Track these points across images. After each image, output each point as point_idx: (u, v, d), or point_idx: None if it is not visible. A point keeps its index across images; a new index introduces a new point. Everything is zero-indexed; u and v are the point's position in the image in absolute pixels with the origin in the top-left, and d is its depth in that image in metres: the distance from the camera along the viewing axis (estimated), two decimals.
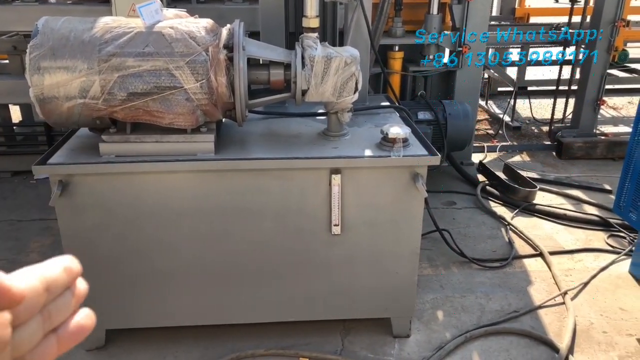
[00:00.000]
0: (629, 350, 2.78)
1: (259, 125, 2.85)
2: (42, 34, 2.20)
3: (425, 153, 2.50)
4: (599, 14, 4.93)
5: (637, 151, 3.15)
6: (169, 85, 2.24)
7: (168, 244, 2.56)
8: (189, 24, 2.30)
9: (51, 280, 0.49)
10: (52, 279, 0.49)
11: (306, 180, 2.50)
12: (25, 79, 2.22)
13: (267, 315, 2.80)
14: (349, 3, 3.04)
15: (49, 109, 2.26)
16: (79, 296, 0.53)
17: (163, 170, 2.42)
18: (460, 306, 3.11)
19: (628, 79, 6.43)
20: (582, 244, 3.76)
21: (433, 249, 3.65)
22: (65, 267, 0.52)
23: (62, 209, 2.43)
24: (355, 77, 2.46)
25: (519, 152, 5.43)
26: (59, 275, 0.51)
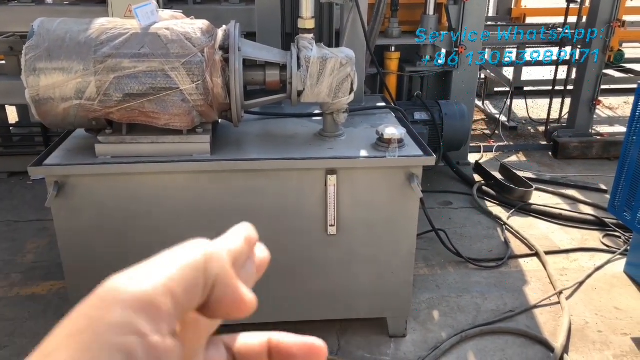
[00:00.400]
0: (624, 349, 2.79)
1: (255, 125, 2.86)
2: (38, 35, 2.21)
3: (420, 154, 2.51)
4: (595, 14, 4.94)
5: (632, 151, 3.16)
6: (164, 86, 2.24)
7: (164, 245, 2.52)
8: (184, 25, 2.31)
9: (237, 256, 0.43)
10: (237, 254, 0.43)
11: (302, 180, 2.51)
12: (21, 79, 2.22)
13: (263, 316, 2.79)
14: (345, 4, 3.05)
15: (45, 110, 2.26)
16: (261, 266, 0.48)
17: (159, 171, 2.42)
18: (456, 306, 3.12)
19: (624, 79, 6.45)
20: (577, 244, 3.77)
21: (429, 249, 3.66)
22: (246, 237, 0.46)
23: (58, 210, 2.43)
24: (351, 77, 2.47)
25: (515, 152, 5.45)
26: (242, 249, 0.44)
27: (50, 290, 3.22)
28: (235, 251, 0.43)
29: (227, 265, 0.40)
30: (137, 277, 0.39)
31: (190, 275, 0.39)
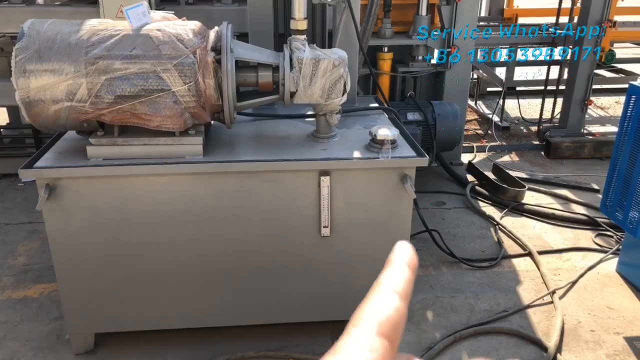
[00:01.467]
0: (617, 348, 2.81)
1: (247, 127, 2.85)
2: (28, 36, 2.19)
3: (413, 154, 2.51)
4: (586, 14, 4.97)
5: (623, 151, 3.18)
6: (156, 87, 2.23)
7: (156, 247, 2.55)
8: (176, 27, 2.30)
9: (408, 293, 0.49)
10: (408, 291, 0.49)
11: (295, 182, 2.50)
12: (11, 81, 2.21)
13: (257, 318, 2.80)
14: (338, 5, 3.05)
15: (35, 112, 2.25)
16: (414, 272, 0.53)
17: (151, 173, 2.41)
18: (450, 306, 3.13)
19: (615, 79, 6.48)
20: (570, 244, 3.79)
21: (423, 249, 3.66)
22: (410, 265, 0.52)
23: (49, 212, 2.42)
24: (344, 79, 2.47)
25: (507, 152, 5.47)
26: (411, 282, 0.50)
27: (42, 293, 3.20)
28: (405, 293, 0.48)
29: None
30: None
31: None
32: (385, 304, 0.47)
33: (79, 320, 2.66)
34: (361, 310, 0.47)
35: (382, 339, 0.44)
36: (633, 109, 3.09)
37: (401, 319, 0.46)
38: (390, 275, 0.50)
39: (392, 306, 0.46)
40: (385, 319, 0.45)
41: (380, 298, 0.47)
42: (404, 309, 0.47)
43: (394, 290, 0.48)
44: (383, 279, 0.49)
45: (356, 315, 0.47)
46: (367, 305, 0.47)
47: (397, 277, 0.50)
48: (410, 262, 0.52)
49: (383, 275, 0.50)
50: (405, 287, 0.49)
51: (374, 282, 0.49)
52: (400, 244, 0.53)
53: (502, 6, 6.84)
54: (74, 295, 2.59)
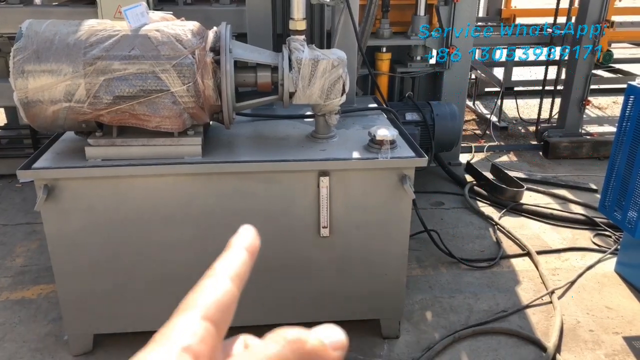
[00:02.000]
0: (616, 348, 2.81)
1: (246, 127, 2.85)
2: (26, 37, 2.18)
3: (412, 155, 2.51)
4: (584, 14, 4.98)
5: (621, 151, 3.18)
6: (155, 88, 2.23)
7: (155, 248, 2.54)
8: (175, 27, 2.30)
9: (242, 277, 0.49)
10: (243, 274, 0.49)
11: (294, 182, 2.50)
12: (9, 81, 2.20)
13: (255, 318, 2.78)
14: (336, 5, 3.04)
15: (33, 112, 2.24)
16: (254, 254, 0.53)
17: (150, 173, 2.41)
18: (449, 306, 3.13)
19: (612, 79, 6.50)
20: (568, 243, 3.79)
21: (421, 250, 3.66)
22: (248, 249, 0.52)
23: (47, 213, 2.41)
24: (343, 79, 2.46)
25: (506, 152, 5.47)
26: (245, 269, 0.50)
27: (40, 294, 3.19)
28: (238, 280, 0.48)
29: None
30: None
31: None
32: (215, 287, 0.46)
33: (77, 321, 2.66)
34: (189, 295, 0.46)
35: (207, 322, 0.43)
36: (631, 109, 3.10)
37: (231, 302, 0.46)
38: (225, 259, 0.49)
39: (221, 289, 0.45)
40: (213, 302, 0.44)
41: (211, 282, 0.46)
42: (234, 292, 0.46)
43: (226, 273, 0.47)
44: (217, 263, 0.49)
45: (184, 301, 0.46)
46: (196, 289, 0.46)
47: (232, 260, 0.49)
48: (249, 245, 0.52)
49: (218, 260, 0.49)
50: (240, 271, 0.48)
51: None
52: (244, 228, 0.54)
53: (500, 6, 6.85)
54: (72, 296, 2.59)
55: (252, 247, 0.52)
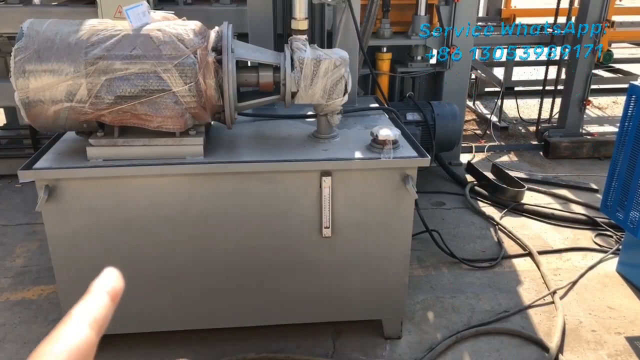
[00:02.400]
0: (618, 348, 2.80)
1: (248, 127, 2.84)
2: (27, 36, 2.17)
3: (415, 155, 2.50)
4: (584, 14, 4.97)
5: (623, 151, 3.18)
6: (157, 88, 2.22)
7: (157, 248, 2.53)
8: (176, 27, 2.29)
9: (102, 322, 0.49)
10: (102, 320, 0.49)
11: (296, 182, 2.49)
12: (10, 81, 2.19)
13: (258, 319, 2.78)
14: (338, 5, 3.04)
15: (34, 112, 2.23)
16: (116, 298, 0.53)
17: (152, 174, 2.40)
18: (451, 307, 3.12)
19: (613, 79, 6.49)
20: (570, 243, 3.79)
21: (423, 250, 3.66)
22: (110, 294, 0.52)
23: (48, 214, 2.40)
24: (345, 79, 2.45)
25: (506, 152, 5.47)
26: (107, 310, 0.50)
27: (40, 294, 3.18)
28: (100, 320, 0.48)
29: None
30: None
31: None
32: (73, 334, 0.45)
33: None
34: (46, 341, 0.45)
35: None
36: (633, 109, 3.09)
37: (89, 349, 0.45)
38: (84, 303, 0.49)
39: (78, 337, 0.45)
40: (68, 350, 0.44)
41: (69, 329, 0.46)
42: (92, 339, 0.46)
43: (84, 319, 0.47)
44: (75, 309, 0.48)
45: (39, 348, 0.45)
46: (54, 334, 0.45)
47: (91, 305, 0.49)
48: (111, 289, 0.51)
49: (78, 304, 0.49)
50: (98, 316, 0.48)
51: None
52: (107, 271, 0.53)
53: (500, 6, 6.84)
54: (73, 296, 2.54)
55: (114, 291, 0.51)
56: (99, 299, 0.50)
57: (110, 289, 0.51)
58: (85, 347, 0.45)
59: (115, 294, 0.51)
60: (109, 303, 0.50)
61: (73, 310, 0.48)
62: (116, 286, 0.52)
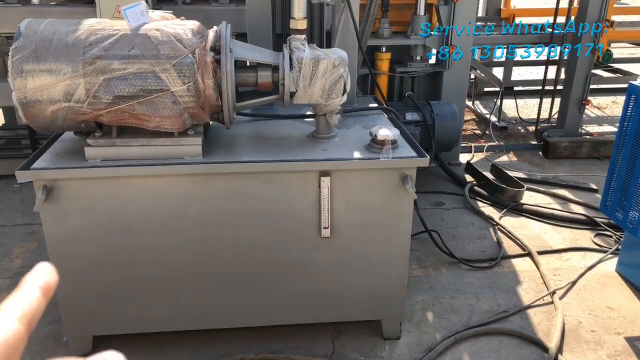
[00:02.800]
0: (617, 348, 2.80)
1: (247, 127, 2.83)
2: (25, 36, 2.16)
3: (414, 155, 2.50)
4: (584, 14, 4.97)
5: (623, 151, 3.17)
6: (155, 88, 2.21)
7: (155, 249, 2.52)
8: (175, 26, 2.28)
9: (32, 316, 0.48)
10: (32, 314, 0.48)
11: (295, 183, 2.49)
12: (8, 81, 2.18)
13: (257, 319, 2.78)
14: (337, 4, 3.03)
15: (32, 112, 2.22)
16: (48, 292, 0.52)
17: (150, 174, 2.39)
18: (450, 307, 3.11)
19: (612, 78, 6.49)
20: (569, 244, 3.78)
21: (422, 250, 3.65)
22: (42, 288, 0.51)
23: (46, 214, 2.39)
24: (344, 79, 2.45)
25: (505, 152, 5.46)
26: (38, 306, 0.49)
27: None
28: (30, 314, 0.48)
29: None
30: None
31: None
32: (1, 328, 0.45)
33: (76, 323, 2.64)
34: None
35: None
36: (633, 109, 3.09)
37: (18, 343, 0.46)
38: (15, 298, 0.49)
39: (7, 330, 0.45)
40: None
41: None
42: (21, 333, 0.46)
43: (13, 313, 0.47)
44: (5, 302, 0.48)
45: None
46: None
47: (22, 300, 0.48)
48: (43, 283, 0.51)
49: (8, 298, 0.49)
50: (29, 310, 0.48)
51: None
52: (40, 265, 0.52)
53: (499, 6, 6.84)
54: (71, 297, 2.57)
55: (47, 285, 0.51)
56: (30, 293, 0.49)
57: (42, 283, 0.51)
58: (14, 341, 0.45)
59: (47, 288, 0.51)
60: (40, 297, 0.50)
61: (2, 305, 0.48)
62: (49, 280, 0.51)
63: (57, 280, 0.52)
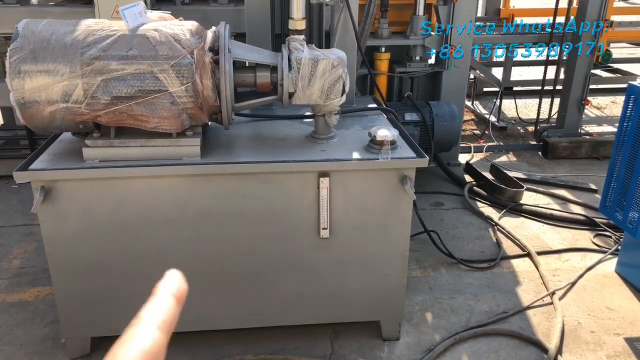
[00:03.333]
0: (617, 349, 2.79)
1: (245, 128, 2.83)
2: (23, 36, 2.16)
3: (413, 155, 2.49)
4: (583, 14, 4.97)
5: (622, 151, 3.17)
6: (153, 88, 2.20)
7: (153, 250, 2.52)
8: (173, 27, 2.27)
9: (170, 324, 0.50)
10: (170, 322, 0.50)
11: (294, 183, 2.48)
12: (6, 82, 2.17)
13: (256, 320, 2.77)
14: (335, 4, 3.02)
15: (30, 113, 2.21)
16: (181, 300, 0.54)
17: (148, 175, 2.38)
18: (449, 308, 3.11)
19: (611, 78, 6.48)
20: (568, 244, 3.78)
21: (421, 250, 3.64)
22: (175, 296, 0.52)
23: (44, 215, 2.38)
24: (343, 79, 2.44)
25: (505, 152, 5.46)
26: (173, 314, 0.51)
27: (37, 296, 3.16)
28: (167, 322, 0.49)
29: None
30: None
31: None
32: (143, 337, 0.46)
33: (75, 324, 2.63)
34: (117, 344, 0.46)
35: None
36: (632, 109, 3.08)
37: (160, 352, 0.46)
38: (152, 306, 0.50)
39: (149, 339, 0.46)
40: (141, 352, 0.45)
41: (139, 332, 0.47)
42: (163, 340, 0.47)
43: (153, 322, 0.48)
44: (143, 312, 0.49)
45: (112, 351, 0.46)
46: (124, 339, 0.46)
47: (159, 308, 0.50)
48: (176, 291, 0.52)
49: (145, 307, 0.50)
50: (166, 318, 0.49)
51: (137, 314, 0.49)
52: (170, 273, 0.54)
53: (499, 6, 6.83)
54: (69, 298, 2.56)
55: (179, 292, 0.52)
56: (166, 301, 0.51)
57: (175, 291, 0.52)
58: (156, 350, 0.46)
59: (180, 295, 0.52)
60: (174, 305, 0.51)
61: (141, 313, 0.49)
62: (181, 288, 0.53)
63: (187, 287, 0.53)
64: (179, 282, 0.53)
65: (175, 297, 0.51)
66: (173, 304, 0.51)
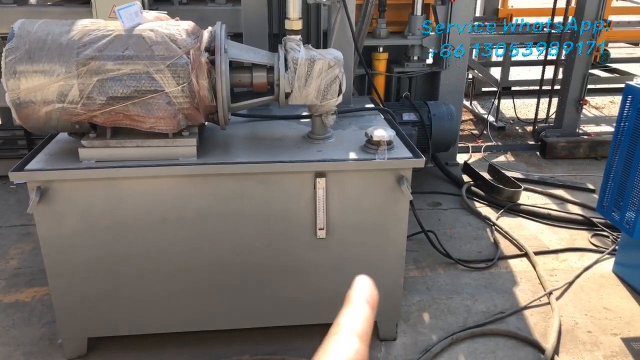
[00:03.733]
0: (614, 349, 2.79)
1: (242, 128, 2.82)
2: (18, 37, 2.15)
3: (409, 155, 2.49)
4: (581, 13, 4.97)
5: (619, 151, 3.17)
6: (149, 89, 2.20)
7: (150, 250, 2.51)
8: (169, 27, 2.27)
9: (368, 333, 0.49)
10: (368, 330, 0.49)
11: (290, 184, 2.48)
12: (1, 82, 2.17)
13: (252, 321, 2.77)
14: (333, 4, 3.02)
15: (26, 113, 2.21)
16: (374, 308, 0.53)
17: (144, 175, 2.38)
18: (447, 308, 3.11)
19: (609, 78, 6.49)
20: (566, 244, 3.78)
21: (419, 251, 3.64)
22: (370, 304, 0.52)
23: (41, 215, 2.38)
24: (339, 79, 2.44)
25: (503, 152, 5.46)
26: (371, 320, 0.50)
27: (34, 296, 3.16)
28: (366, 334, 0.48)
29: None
30: None
31: None
32: (345, 348, 0.46)
33: (71, 324, 2.63)
34: (318, 354, 0.46)
35: None
36: (629, 109, 3.08)
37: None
38: (349, 315, 0.49)
39: (351, 350, 0.46)
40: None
41: (340, 342, 0.47)
42: (364, 351, 0.47)
43: (353, 331, 0.47)
44: (342, 320, 0.48)
45: (316, 357, 0.46)
46: (325, 349, 0.46)
47: (356, 316, 0.49)
48: (369, 298, 0.49)
49: (342, 315, 0.49)
50: (365, 327, 0.49)
51: (334, 322, 0.48)
52: (360, 279, 0.53)
53: (497, 6, 6.83)
54: (66, 299, 2.56)
55: (372, 299, 0.52)
56: (362, 309, 0.50)
57: (369, 298, 0.52)
58: (359, 359, 0.46)
59: (373, 302, 0.52)
60: (370, 312, 0.50)
61: (341, 321, 0.48)
62: (373, 294, 0.52)
63: (377, 293, 0.52)
64: (370, 288, 0.51)
65: (369, 305, 0.51)
66: (369, 312, 0.50)
